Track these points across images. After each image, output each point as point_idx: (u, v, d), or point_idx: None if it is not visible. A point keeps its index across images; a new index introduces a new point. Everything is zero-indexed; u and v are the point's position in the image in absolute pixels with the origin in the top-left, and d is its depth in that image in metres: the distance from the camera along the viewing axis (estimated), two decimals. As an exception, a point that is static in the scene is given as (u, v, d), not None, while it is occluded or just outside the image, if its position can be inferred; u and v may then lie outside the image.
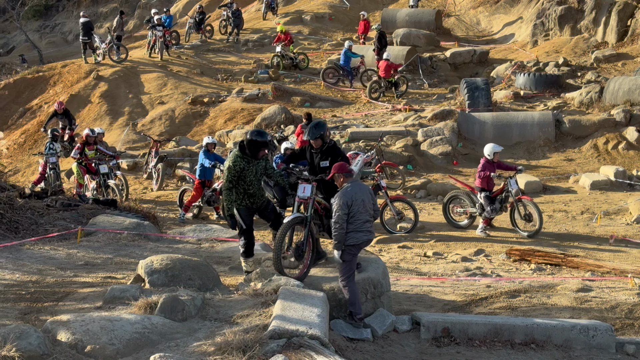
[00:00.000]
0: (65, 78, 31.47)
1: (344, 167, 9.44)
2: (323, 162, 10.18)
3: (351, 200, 9.08)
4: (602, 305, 10.67)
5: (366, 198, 9.26)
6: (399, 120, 25.47)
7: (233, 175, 9.76)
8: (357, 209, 9.12)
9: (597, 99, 25.46)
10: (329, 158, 10.15)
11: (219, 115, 27.45)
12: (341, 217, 9.05)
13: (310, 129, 10.16)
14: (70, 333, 7.23)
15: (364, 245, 9.33)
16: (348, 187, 9.23)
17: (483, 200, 16.16)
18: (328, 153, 10.19)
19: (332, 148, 10.23)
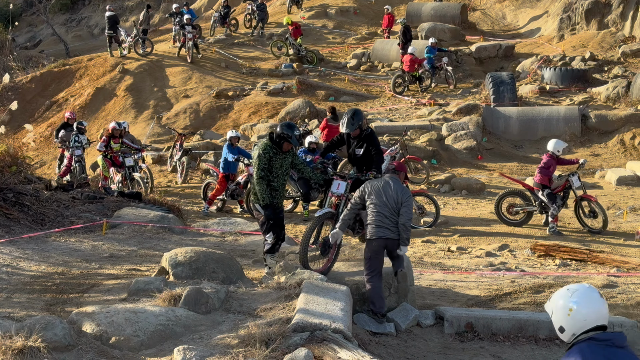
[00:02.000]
0: (91, 71, 31.65)
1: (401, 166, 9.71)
2: (358, 149, 10.36)
3: (369, 188, 9.14)
4: (628, 301, 10.59)
5: (389, 193, 9.13)
6: (423, 115, 25.39)
7: (264, 164, 9.73)
8: (375, 201, 9.06)
9: (624, 93, 25.23)
10: (364, 146, 10.31)
11: (243, 109, 27.50)
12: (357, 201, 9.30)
13: (348, 121, 10.28)
14: (95, 324, 7.28)
15: (383, 244, 9.07)
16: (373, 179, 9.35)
17: (547, 197, 15.90)
18: (364, 141, 10.35)
19: (369, 136, 10.38)
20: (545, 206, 16.03)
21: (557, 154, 16.06)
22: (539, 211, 16.21)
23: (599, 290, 10.23)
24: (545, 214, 16.16)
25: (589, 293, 4.53)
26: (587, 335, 4.41)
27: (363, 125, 10.36)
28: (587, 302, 4.48)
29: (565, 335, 4.54)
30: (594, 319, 4.44)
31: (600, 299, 4.50)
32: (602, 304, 4.49)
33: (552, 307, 4.60)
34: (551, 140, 16.41)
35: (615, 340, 4.37)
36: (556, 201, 15.84)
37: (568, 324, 4.50)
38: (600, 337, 4.36)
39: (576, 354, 4.33)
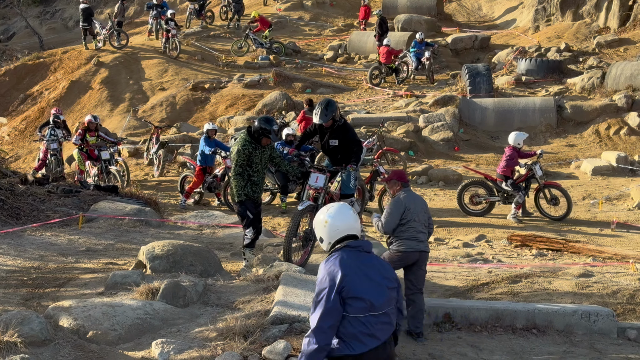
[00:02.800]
0: (65, 64, 31.41)
1: (403, 176, 9.32)
2: (332, 140, 10.29)
3: (404, 208, 8.92)
4: (604, 290, 10.67)
5: (420, 209, 9.06)
6: (400, 107, 25.43)
7: (244, 159, 9.68)
8: (412, 217, 8.93)
9: (599, 84, 25.41)
10: (339, 137, 10.24)
11: (220, 102, 27.41)
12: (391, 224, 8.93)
13: (322, 111, 10.18)
14: (72, 319, 7.25)
15: (418, 256, 9.00)
16: (402, 195, 9.08)
17: (511, 187, 16.07)
18: (338, 132, 10.28)
19: (343, 127, 10.31)
20: (509, 196, 16.21)
21: (519, 147, 16.23)
22: (502, 201, 16.37)
23: (575, 280, 10.33)
24: (508, 203, 16.33)
25: (341, 208, 5.47)
26: (343, 244, 5.32)
27: (336, 116, 10.28)
28: (338, 216, 5.41)
29: (325, 244, 5.46)
30: (344, 229, 5.37)
31: (350, 214, 5.43)
32: (352, 218, 5.42)
33: (314, 223, 5.53)
34: (512, 134, 16.55)
35: (364, 247, 5.39)
36: (521, 189, 16.03)
37: (325, 233, 5.41)
38: (352, 244, 5.33)
39: (334, 258, 5.25)
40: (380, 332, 5.20)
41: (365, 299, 5.13)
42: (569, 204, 15.97)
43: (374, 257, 5.39)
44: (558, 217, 16.10)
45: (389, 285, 5.33)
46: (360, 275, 5.19)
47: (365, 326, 5.14)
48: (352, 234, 5.36)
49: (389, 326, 5.29)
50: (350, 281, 5.12)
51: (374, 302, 5.17)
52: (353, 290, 5.11)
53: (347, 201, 10.11)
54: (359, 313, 5.13)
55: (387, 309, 5.26)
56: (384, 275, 5.34)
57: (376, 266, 5.34)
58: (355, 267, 5.19)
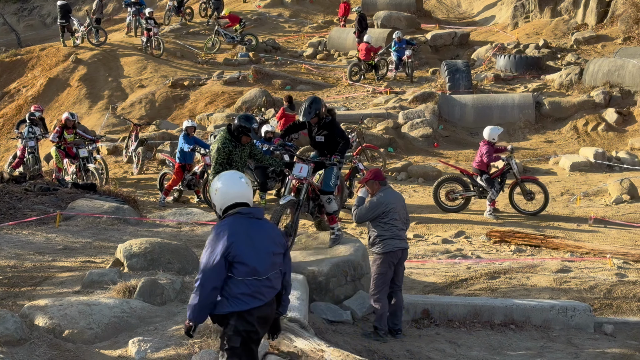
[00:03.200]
0: (43, 61, 31.18)
1: (380, 175, 9.33)
2: (319, 136, 10.22)
3: (385, 207, 8.96)
4: (581, 285, 10.74)
5: (400, 206, 9.12)
6: (379, 103, 25.45)
7: (223, 158, 9.58)
8: (393, 216, 8.97)
9: (577, 80, 25.56)
10: (325, 133, 10.20)
11: (200, 99, 27.32)
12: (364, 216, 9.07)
13: (305, 109, 10.12)
14: (48, 318, 7.19)
15: (400, 254, 9.05)
16: (382, 194, 9.09)
17: (485, 182, 16.09)
18: (325, 128, 10.22)
19: (330, 124, 10.22)
20: (484, 191, 16.24)
21: (493, 141, 16.25)
22: (478, 196, 16.41)
23: (553, 275, 10.38)
24: (483, 198, 16.38)
25: (232, 176, 5.84)
26: (234, 210, 5.67)
27: (321, 113, 10.16)
28: (229, 183, 5.75)
29: (217, 210, 5.81)
30: (235, 196, 5.71)
31: (242, 182, 5.78)
32: (243, 186, 5.77)
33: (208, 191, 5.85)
34: (486, 128, 16.54)
35: (255, 213, 5.73)
36: (494, 186, 16.07)
37: (217, 200, 5.76)
38: (243, 211, 5.68)
39: (224, 224, 5.61)
40: (263, 294, 5.60)
41: (249, 264, 5.52)
42: (545, 198, 16.04)
43: (264, 224, 5.77)
44: (533, 211, 16.17)
45: (275, 251, 5.72)
46: (247, 241, 5.55)
47: (249, 288, 5.53)
48: (243, 202, 5.73)
49: (272, 289, 5.69)
50: (237, 247, 5.49)
51: (258, 267, 5.55)
52: (238, 256, 5.48)
53: (326, 198, 10.07)
54: (243, 276, 5.52)
55: (270, 273, 5.65)
56: (272, 241, 5.73)
57: (265, 232, 5.71)
58: (242, 234, 5.56)
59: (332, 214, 10.13)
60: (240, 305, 5.53)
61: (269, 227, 5.80)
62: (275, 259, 5.72)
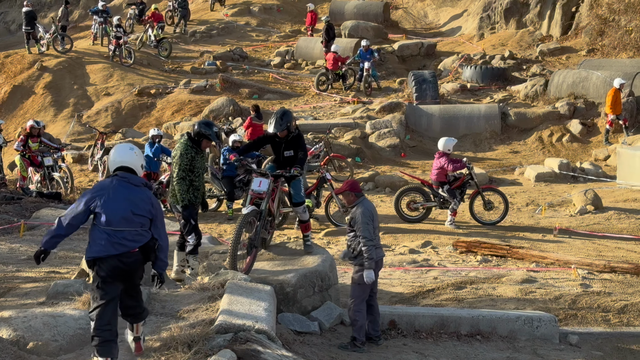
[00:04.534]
0: (8, 68, 30.85)
1: (356, 186, 9.31)
2: (287, 151, 10.01)
3: (371, 214, 8.99)
4: (546, 296, 10.83)
5: (376, 214, 9.17)
6: (347, 113, 25.51)
7: (186, 164, 9.56)
8: (375, 225, 9.03)
9: (542, 92, 25.84)
10: (293, 147, 10.00)
11: (166, 107, 27.20)
12: (370, 231, 8.89)
13: (277, 121, 9.83)
14: (11, 329, 7.10)
15: (380, 264, 9.16)
16: (365, 201, 9.12)
17: (447, 193, 16.17)
18: (292, 143, 10.02)
19: (297, 138, 10.04)
20: (445, 202, 16.35)
21: (449, 152, 16.37)
22: (439, 206, 16.51)
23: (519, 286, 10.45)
24: (444, 209, 16.48)
25: (123, 146, 6.98)
26: (115, 172, 6.83)
27: (291, 126, 10.02)
28: (117, 151, 6.90)
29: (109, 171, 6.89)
30: (118, 161, 6.84)
31: (127, 151, 6.88)
32: (127, 154, 6.86)
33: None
34: (441, 140, 16.61)
35: (130, 179, 6.80)
36: (456, 196, 16.19)
37: (109, 165, 6.96)
38: (120, 174, 6.82)
39: (100, 181, 7.10)
40: (116, 244, 6.59)
41: (105, 215, 6.59)
42: (505, 207, 16.17)
43: (135, 189, 6.78)
44: (493, 221, 16.28)
45: (135, 212, 6.69)
46: (111, 197, 6.63)
47: (105, 235, 6.57)
48: (126, 167, 6.82)
49: (125, 244, 6.62)
50: (99, 199, 6.61)
51: (112, 220, 6.58)
52: (99, 207, 6.60)
53: (301, 209, 10.06)
54: (101, 225, 6.58)
55: (125, 229, 6.63)
56: (136, 205, 6.70)
57: (132, 195, 6.72)
58: (109, 190, 6.68)
59: (306, 222, 10.21)
60: (98, 250, 6.57)
61: (140, 193, 6.79)
62: (134, 219, 6.67)
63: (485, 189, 16.59)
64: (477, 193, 16.45)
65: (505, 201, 16.22)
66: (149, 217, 6.77)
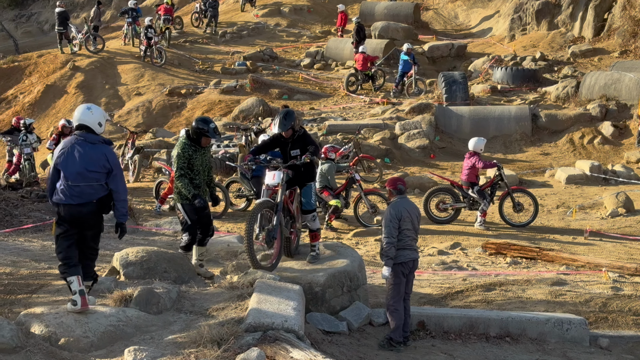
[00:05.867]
0: (41, 68, 31.19)
1: (394, 183, 9.36)
2: (294, 150, 9.85)
3: (400, 214, 8.99)
4: (577, 298, 10.75)
5: (413, 215, 9.17)
6: (376, 114, 25.48)
7: (183, 162, 9.67)
8: (406, 226, 9.03)
9: (573, 93, 25.63)
10: (299, 146, 9.84)
11: (196, 107, 27.34)
12: (392, 231, 8.93)
13: (281, 121, 9.74)
14: (44, 325, 7.18)
15: (412, 265, 9.16)
16: (397, 201, 9.16)
17: (477, 194, 16.15)
18: (298, 142, 9.87)
19: (302, 137, 9.89)
20: (474, 203, 16.29)
21: (481, 151, 16.34)
22: (468, 207, 16.45)
23: (549, 288, 10.38)
24: (474, 210, 16.42)
25: (80, 106, 7.77)
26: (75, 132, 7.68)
27: (295, 125, 9.90)
28: (76, 110, 7.71)
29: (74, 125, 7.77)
30: (75, 120, 7.66)
31: (85, 111, 7.62)
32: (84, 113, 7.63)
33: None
34: (471, 140, 16.61)
35: (87, 138, 7.61)
36: (485, 197, 16.13)
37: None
38: (77, 133, 7.65)
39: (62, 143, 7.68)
40: (72, 196, 7.55)
41: (64, 171, 7.54)
42: (535, 209, 16.11)
43: (92, 147, 7.56)
44: (523, 223, 16.21)
45: (89, 169, 7.52)
46: (69, 155, 7.53)
47: (65, 188, 7.54)
48: (84, 125, 7.62)
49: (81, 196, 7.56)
50: (60, 157, 7.57)
51: (68, 175, 7.53)
52: (59, 164, 7.56)
53: (310, 217, 9.95)
54: (62, 179, 7.55)
55: (80, 183, 7.54)
56: (91, 161, 7.53)
57: (88, 153, 7.53)
58: (68, 149, 7.55)
59: (316, 231, 10.00)
60: (59, 198, 7.60)
61: (95, 149, 7.57)
62: (89, 175, 7.54)
63: (515, 191, 16.52)
64: (506, 194, 16.37)
65: (535, 203, 16.15)
66: (104, 172, 7.61)
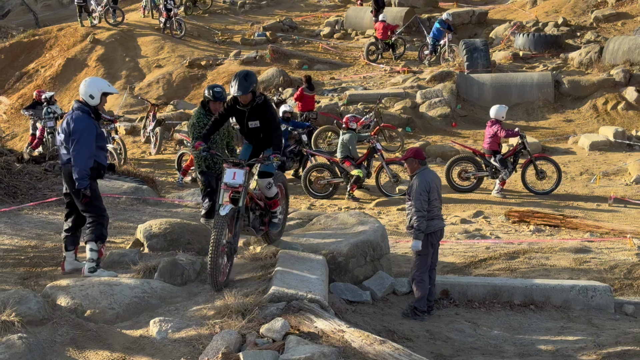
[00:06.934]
0: (61, 42, 31.23)
1: (421, 153, 9.30)
2: (252, 122, 8.55)
3: (429, 186, 8.96)
4: (601, 266, 10.69)
5: (438, 185, 9.17)
6: (397, 83, 25.34)
7: (198, 132, 9.52)
8: (434, 196, 9.01)
9: (596, 59, 25.33)
10: (259, 117, 8.52)
11: (217, 79, 27.28)
12: (423, 204, 8.90)
13: (240, 81, 8.21)
14: (69, 298, 7.24)
15: (440, 234, 9.18)
16: (425, 171, 9.11)
17: (499, 162, 16.07)
18: (258, 111, 8.49)
19: (263, 106, 8.49)
20: (497, 171, 16.21)
21: (502, 119, 16.22)
22: (490, 176, 16.38)
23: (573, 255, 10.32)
24: (496, 178, 16.35)
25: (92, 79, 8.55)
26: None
27: (256, 90, 8.43)
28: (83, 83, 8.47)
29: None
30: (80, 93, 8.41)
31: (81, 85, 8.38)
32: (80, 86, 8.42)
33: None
34: (493, 107, 16.50)
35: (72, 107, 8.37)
36: (507, 166, 16.05)
37: None
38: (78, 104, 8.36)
39: None
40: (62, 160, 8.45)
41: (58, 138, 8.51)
42: (558, 176, 16.03)
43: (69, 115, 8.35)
44: (546, 191, 16.13)
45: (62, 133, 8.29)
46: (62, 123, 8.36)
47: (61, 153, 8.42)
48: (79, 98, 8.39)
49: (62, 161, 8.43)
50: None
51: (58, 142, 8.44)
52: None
53: (265, 183, 8.67)
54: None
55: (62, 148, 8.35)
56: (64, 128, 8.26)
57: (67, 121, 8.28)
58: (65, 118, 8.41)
59: (273, 198, 8.87)
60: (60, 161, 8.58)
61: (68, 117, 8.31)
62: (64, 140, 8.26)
63: (538, 158, 16.41)
64: (529, 162, 16.27)
65: (558, 170, 16.05)
66: (68, 136, 8.22)
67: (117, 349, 6.62)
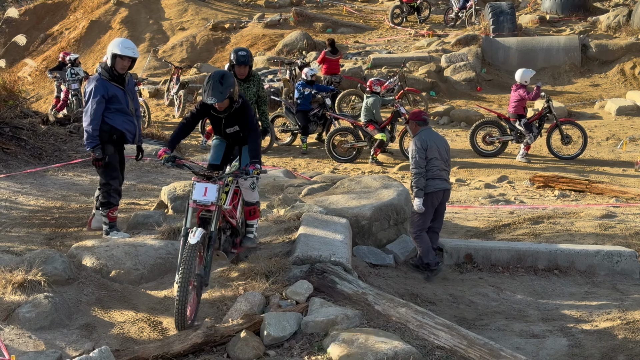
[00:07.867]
0: (85, 3, 31.24)
1: (418, 115, 9.28)
2: (230, 128, 7.41)
3: (426, 144, 8.93)
4: (627, 231, 10.61)
5: (440, 146, 9.10)
6: (422, 46, 25.14)
7: None
8: (433, 155, 8.97)
9: (625, 22, 24.96)
10: (238, 121, 7.34)
11: (240, 42, 27.22)
12: (419, 161, 8.91)
13: (214, 86, 6.86)
14: (95, 258, 7.29)
15: (442, 195, 9.11)
16: (423, 131, 9.09)
17: (524, 127, 15.95)
18: (236, 116, 7.28)
19: (242, 110, 7.25)
20: (522, 136, 16.08)
21: (526, 84, 16.03)
22: (515, 140, 16.25)
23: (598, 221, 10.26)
24: (521, 143, 16.22)
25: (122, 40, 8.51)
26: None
27: (234, 94, 7.04)
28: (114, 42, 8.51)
29: None
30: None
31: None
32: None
33: None
34: (518, 71, 16.30)
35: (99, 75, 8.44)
36: (532, 130, 15.90)
37: None
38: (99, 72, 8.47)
39: None
40: None
41: None
42: (584, 141, 15.88)
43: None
44: (571, 156, 16.00)
45: None
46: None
47: None
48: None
49: None
50: None
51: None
52: None
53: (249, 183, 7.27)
54: None
55: None
56: None
57: None
58: None
59: (254, 205, 7.54)
60: None
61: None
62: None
63: (564, 123, 16.25)
64: (555, 127, 16.13)
65: (584, 135, 15.90)
66: None
67: (142, 309, 6.67)
